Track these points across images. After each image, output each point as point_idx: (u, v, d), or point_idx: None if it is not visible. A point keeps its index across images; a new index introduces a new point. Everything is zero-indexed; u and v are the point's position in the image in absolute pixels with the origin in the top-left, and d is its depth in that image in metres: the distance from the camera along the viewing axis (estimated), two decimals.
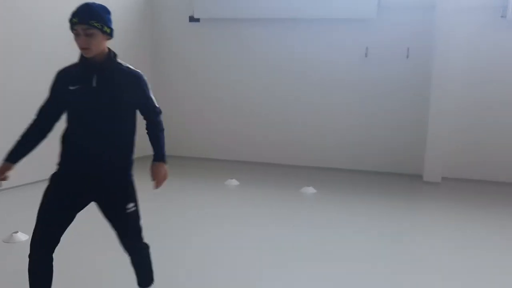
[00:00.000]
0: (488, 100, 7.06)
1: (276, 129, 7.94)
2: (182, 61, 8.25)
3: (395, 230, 4.99)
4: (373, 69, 7.40)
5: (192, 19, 8.03)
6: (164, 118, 2.80)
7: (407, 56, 7.22)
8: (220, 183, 6.57)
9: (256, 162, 7.93)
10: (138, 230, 2.74)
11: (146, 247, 2.82)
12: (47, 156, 3.30)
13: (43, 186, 2.66)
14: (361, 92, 7.51)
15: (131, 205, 2.66)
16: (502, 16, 6.78)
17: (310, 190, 6.28)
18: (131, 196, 2.68)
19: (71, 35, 2.52)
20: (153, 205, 5.61)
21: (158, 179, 2.74)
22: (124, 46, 7.52)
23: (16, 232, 4.30)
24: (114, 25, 2.56)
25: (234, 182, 6.59)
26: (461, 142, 7.18)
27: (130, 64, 2.66)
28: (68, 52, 2.98)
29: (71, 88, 2.52)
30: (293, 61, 7.73)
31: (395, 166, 7.45)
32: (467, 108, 7.12)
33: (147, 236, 2.84)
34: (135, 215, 2.70)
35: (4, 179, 2.58)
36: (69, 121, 2.61)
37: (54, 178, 2.63)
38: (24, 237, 4.22)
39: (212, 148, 8.20)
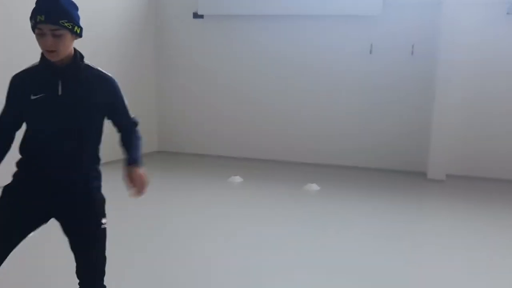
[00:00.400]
0: (493, 98, 7.03)
1: (279, 126, 7.93)
2: (185, 57, 8.24)
3: (398, 228, 4.98)
4: (378, 66, 7.38)
5: (196, 15, 8.03)
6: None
7: (412, 53, 7.20)
8: (224, 179, 6.57)
9: (260, 159, 7.93)
10: (103, 258, 2.34)
11: None
12: None
13: None
14: (366, 89, 7.49)
15: (104, 220, 2.31)
16: (507, 13, 6.75)
17: (314, 187, 6.28)
18: (103, 210, 2.34)
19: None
20: (155, 201, 5.63)
21: (137, 185, 2.26)
22: (127, 43, 7.48)
23: None
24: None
25: (238, 178, 6.59)
26: (466, 139, 7.16)
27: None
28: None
29: (33, 97, 2.16)
30: (297, 58, 7.71)
31: (399, 163, 7.42)
32: (471, 105, 7.09)
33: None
34: (105, 235, 2.32)
35: None
36: (31, 131, 2.25)
37: (8, 191, 2.25)
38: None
39: (216, 144, 8.20)
